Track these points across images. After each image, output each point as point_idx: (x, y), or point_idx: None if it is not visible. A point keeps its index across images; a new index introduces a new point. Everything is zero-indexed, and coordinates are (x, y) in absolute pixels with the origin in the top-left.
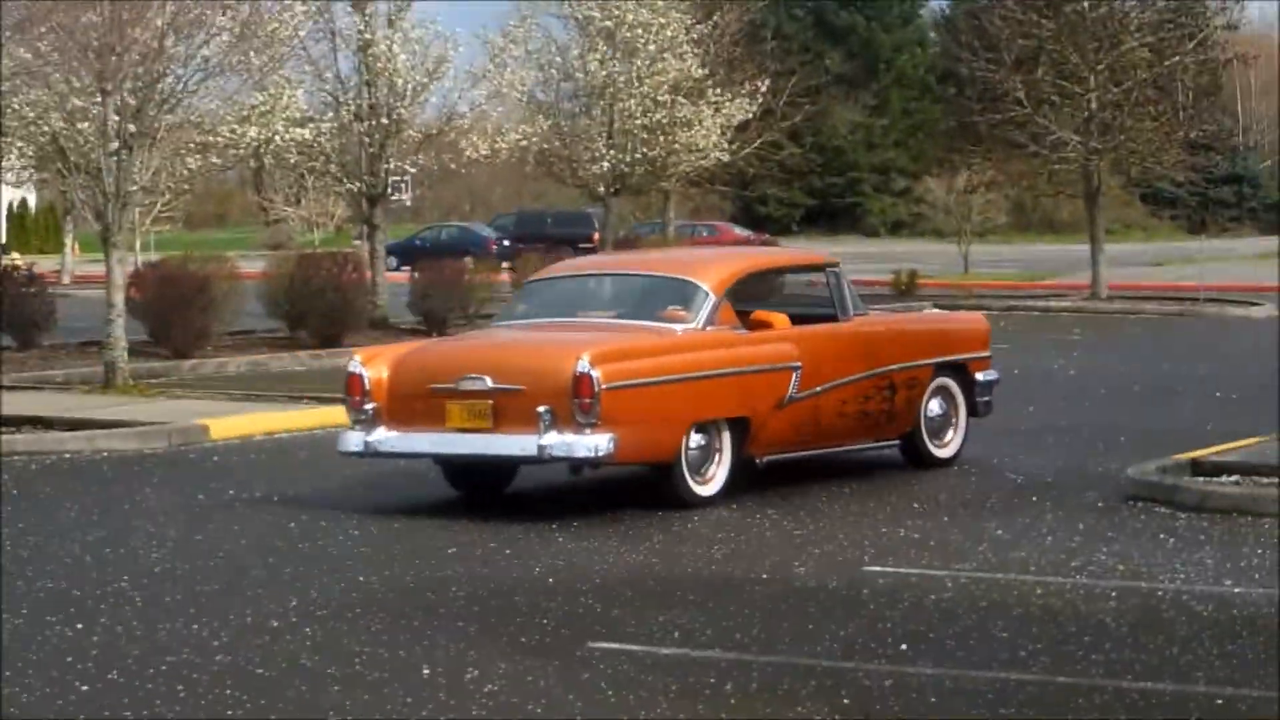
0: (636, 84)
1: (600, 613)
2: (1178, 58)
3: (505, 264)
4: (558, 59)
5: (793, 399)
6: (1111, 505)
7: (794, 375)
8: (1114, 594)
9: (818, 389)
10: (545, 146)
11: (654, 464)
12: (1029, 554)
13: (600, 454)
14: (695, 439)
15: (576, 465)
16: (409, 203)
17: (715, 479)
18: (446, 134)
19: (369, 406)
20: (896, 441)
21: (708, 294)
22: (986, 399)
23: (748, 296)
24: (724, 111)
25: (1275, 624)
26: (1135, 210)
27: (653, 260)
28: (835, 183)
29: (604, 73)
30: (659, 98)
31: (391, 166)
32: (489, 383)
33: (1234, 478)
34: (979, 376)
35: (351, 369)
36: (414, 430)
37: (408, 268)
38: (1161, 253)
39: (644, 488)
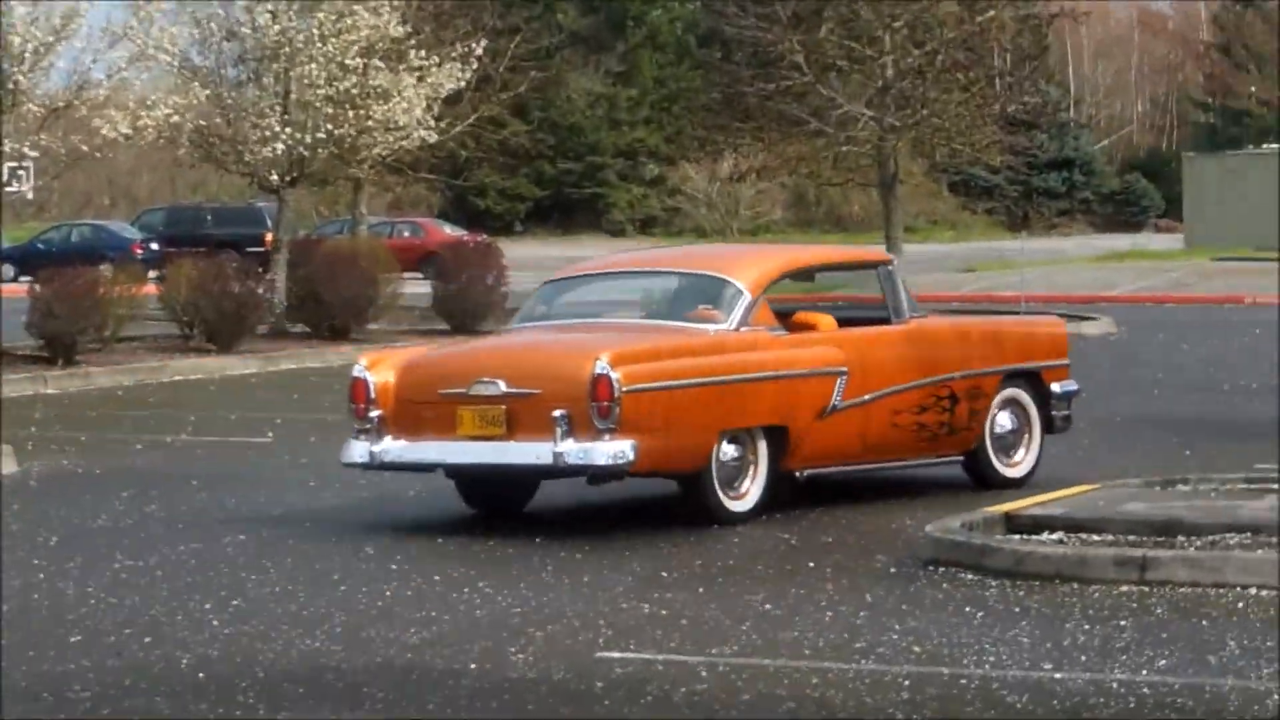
0: (319, 44)
1: (263, 715)
2: (992, 13)
3: (153, 272)
4: (219, 12)
5: (836, 408)
6: (906, 571)
7: (838, 382)
8: (907, 682)
9: (866, 397)
10: (203, 123)
11: (680, 475)
12: (803, 634)
13: (620, 462)
14: (728, 450)
15: (596, 476)
16: (30, 195)
17: (750, 494)
18: (77, 108)
19: (374, 414)
20: (959, 458)
21: (742, 292)
22: (1065, 413)
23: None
24: (430, 80)
25: (1105, 717)
26: (942, 202)
27: (684, 256)
28: (571, 169)
29: (277, 29)
30: (347, 62)
31: (6, 149)
32: (503, 387)
33: (1056, 535)
34: (1055, 387)
35: (356, 374)
36: (422, 439)
37: (28, 278)
38: (974, 254)
39: (668, 505)
